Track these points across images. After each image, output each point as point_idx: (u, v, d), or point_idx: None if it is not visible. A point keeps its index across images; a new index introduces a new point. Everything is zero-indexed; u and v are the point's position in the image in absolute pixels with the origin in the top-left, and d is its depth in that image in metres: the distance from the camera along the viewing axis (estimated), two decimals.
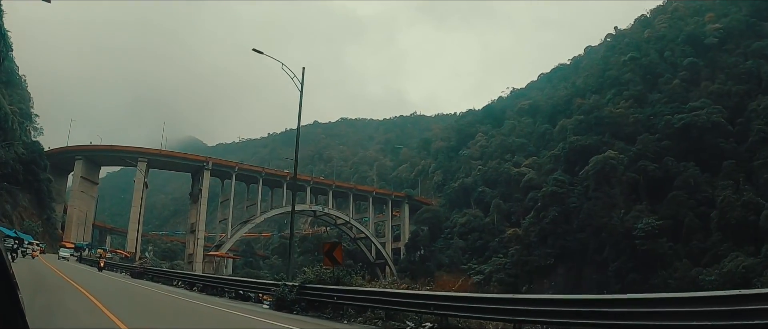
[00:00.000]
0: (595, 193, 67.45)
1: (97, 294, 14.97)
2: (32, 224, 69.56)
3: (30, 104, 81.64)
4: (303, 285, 16.39)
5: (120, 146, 76.14)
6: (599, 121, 77.23)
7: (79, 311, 11.08)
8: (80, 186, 76.79)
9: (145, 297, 18.76)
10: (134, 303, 16.23)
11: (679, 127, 68.95)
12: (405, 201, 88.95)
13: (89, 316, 10.25)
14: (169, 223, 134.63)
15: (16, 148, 70.25)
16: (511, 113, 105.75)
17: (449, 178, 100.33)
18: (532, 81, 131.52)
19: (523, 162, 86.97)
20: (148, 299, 18.29)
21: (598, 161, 67.43)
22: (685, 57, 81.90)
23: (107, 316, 10.07)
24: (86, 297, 14.23)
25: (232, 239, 74.80)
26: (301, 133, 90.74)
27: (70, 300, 13.05)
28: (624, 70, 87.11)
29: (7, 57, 78.25)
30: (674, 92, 77.02)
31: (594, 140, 74.22)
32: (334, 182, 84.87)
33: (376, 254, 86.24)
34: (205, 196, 73.26)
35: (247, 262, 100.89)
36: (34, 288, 13.72)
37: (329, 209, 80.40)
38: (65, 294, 14.83)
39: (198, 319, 13.21)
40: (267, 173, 78.26)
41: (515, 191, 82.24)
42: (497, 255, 74.45)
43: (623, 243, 60.95)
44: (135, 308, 14.49)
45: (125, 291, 20.61)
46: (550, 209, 69.01)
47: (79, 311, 11.08)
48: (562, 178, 71.42)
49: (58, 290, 15.94)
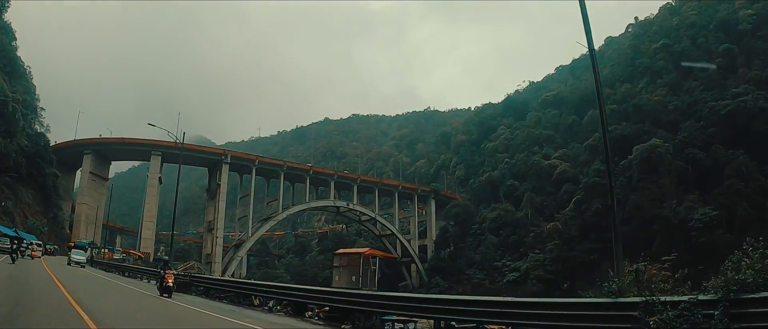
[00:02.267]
0: (641, 183, 63.75)
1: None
2: (36, 222, 64.74)
3: (35, 97, 76.84)
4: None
5: (132, 139, 71.57)
6: (638, 109, 73.74)
7: None
8: (89, 183, 72.11)
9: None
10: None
11: (725, 114, 65.71)
12: (431, 196, 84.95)
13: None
14: (178, 223, 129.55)
15: (19, 140, 65.61)
16: (535, 105, 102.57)
17: (472, 172, 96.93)
18: (548, 74, 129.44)
19: (552, 154, 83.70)
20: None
21: (644, 149, 63.77)
22: (719, 44, 79.08)
23: None
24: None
25: (253, 238, 70.47)
26: (313, 129, 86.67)
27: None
28: (656, 58, 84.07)
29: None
30: (711, 80, 74.14)
31: (634, 129, 70.67)
32: (359, 176, 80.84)
33: (402, 251, 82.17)
34: (224, 191, 68.92)
35: (263, 262, 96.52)
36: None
37: (354, 205, 76.20)
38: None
39: None
40: (289, 166, 73.93)
41: (547, 184, 78.81)
42: (533, 250, 70.65)
43: (676, 236, 57.17)
44: None
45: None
46: (593, 202, 65.11)
47: None
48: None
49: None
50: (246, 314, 16.60)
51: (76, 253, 43.36)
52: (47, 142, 69.85)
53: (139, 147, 70.14)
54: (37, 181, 68.26)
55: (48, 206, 71.49)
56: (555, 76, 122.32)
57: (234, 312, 16.65)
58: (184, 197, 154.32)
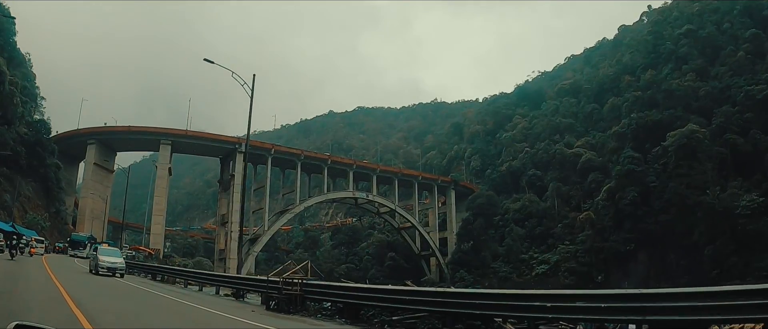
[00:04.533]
0: (678, 170, 61.13)
1: None
2: (37, 217, 60.52)
3: (35, 86, 72.37)
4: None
5: (140, 127, 67.43)
6: (669, 95, 71.29)
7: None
8: (93, 175, 67.86)
9: None
10: None
11: (761, 98, 63.53)
12: (451, 187, 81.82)
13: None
14: (182, 218, 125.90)
15: (18, 127, 61.24)
16: (551, 94, 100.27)
17: (488, 163, 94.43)
18: (558, 64, 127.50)
19: (574, 143, 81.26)
20: None
21: (681, 135, 61.10)
22: (745, 29, 77.20)
23: None
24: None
25: (269, 232, 66.86)
26: (318, 122, 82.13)
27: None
28: (681, 44, 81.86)
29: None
30: (740, 65, 72.05)
31: (666, 115, 68.17)
32: (378, 165, 77.44)
33: (421, 244, 79.05)
34: (239, 183, 65.05)
35: (272, 257, 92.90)
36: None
37: (374, 196, 72.80)
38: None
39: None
40: (306, 156, 70.24)
41: (572, 174, 76.31)
42: (563, 242, 67.98)
43: (721, 224, 54.70)
44: None
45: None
46: (628, 190, 62.51)
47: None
48: (637, 155, 65.08)
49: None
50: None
51: (108, 253, 27.70)
52: (48, 129, 65.63)
53: (147, 136, 66.08)
54: (37, 172, 63.89)
55: (50, 200, 67.13)
56: (567, 65, 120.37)
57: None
58: (188, 192, 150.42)
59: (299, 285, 16.29)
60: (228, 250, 63.88)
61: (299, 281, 16.71)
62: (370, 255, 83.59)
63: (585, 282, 61.33)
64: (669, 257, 59.80)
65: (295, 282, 16.72)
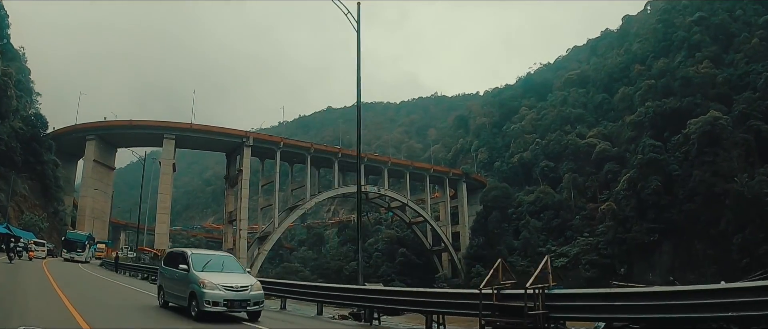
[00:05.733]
0: (702, 158, 59.69)
1: None
2: (34, 217, 57.41)
3: (30, 80, 68.89)
4: None
5: (142, 121, 64.35)
6: (686, 82, 69.93)
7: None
8: (93, 172, 64.65)
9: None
10: None
11: None
12: (462, 180, 79.77)
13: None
14: (181, 217, 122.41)
15: (13, 121, 57.92)
16: (558, 85, 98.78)
17: (496, 155, 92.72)
18: (561, 55, 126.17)
19: (587, 133, 79.80)
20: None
21: (705, 122, 59.68)
22: (758, 16, 76.22)
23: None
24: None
25: (279, 229, 64.26)
26: (316, 118, 79.42)
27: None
28: (693, 32, 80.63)
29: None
30: (755, 51, 71.08)
31: (685, 103, 66.78)
32: (389, 158, 75.06)
33: (433, 240, 76.95)
34: (246, 178, 62.50)
35: (277, 255, 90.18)
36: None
37: (385, 190, 70.49)
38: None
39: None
40: (316, 149, 67.66)
41: (586, 164, 74.80)
42: (582, 234, 66.28)
43: (750, 212, 53.24)
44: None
45: None
46: (650, 179, 60.91)
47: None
48: (658, 144, 63.54)
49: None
50: None
51: (215, 268, 12.02)
52: (45, 124, 62.33)
53: (149, 130, 62.97)
54: (34, 170, 60.71)
55: (48, 200, 63.94)
56: (570, 56, 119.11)
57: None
58: (186, 191, 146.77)
59: (540, 297, 9.64)
60: (237, 249, 61.24)
61: (539, 291, 9.71)
62: (380, 251, 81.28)
63: (607, 275, 59.62)
64: (695, 247, 58.31)
65: (531, 293, 9.69)
